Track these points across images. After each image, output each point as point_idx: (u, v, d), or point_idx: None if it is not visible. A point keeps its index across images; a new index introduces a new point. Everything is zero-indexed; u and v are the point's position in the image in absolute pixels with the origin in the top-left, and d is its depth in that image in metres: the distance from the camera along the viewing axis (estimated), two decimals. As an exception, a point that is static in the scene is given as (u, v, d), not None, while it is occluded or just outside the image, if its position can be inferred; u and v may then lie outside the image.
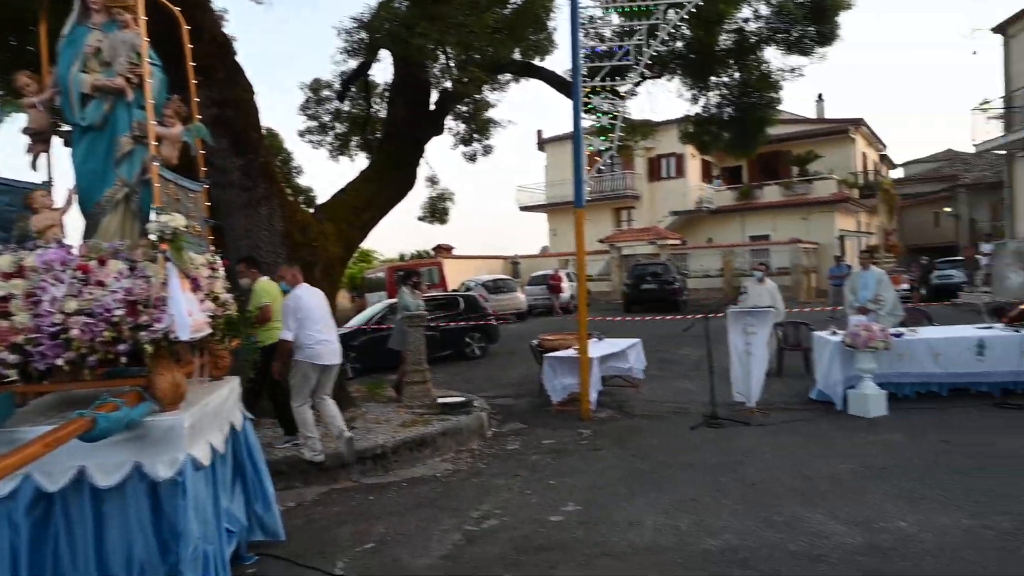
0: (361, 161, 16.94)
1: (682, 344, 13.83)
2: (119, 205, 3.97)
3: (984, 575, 3.80)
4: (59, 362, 3.34)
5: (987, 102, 20.32)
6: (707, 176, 35.08)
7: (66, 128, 4.13)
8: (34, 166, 4.17)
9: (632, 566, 4.16)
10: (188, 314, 3.40)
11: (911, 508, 4.84)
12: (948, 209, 39.03)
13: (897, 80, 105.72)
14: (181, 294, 3.40)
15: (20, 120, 4.13)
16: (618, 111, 8.69)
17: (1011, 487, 5.13)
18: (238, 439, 4.21)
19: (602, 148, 8.82)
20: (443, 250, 29.24)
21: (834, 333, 8.42)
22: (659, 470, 6.10)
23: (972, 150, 22.98)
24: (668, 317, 16.78)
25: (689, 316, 11.42)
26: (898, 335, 8.01)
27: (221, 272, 4.23)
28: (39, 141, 4.13)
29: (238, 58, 7.67)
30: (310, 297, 6.37)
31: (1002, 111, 19.65)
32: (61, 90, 4.01)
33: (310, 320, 6.21)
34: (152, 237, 3.60)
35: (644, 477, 5.93)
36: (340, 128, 14.42)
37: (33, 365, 3.37)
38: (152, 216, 3.68)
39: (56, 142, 4.21)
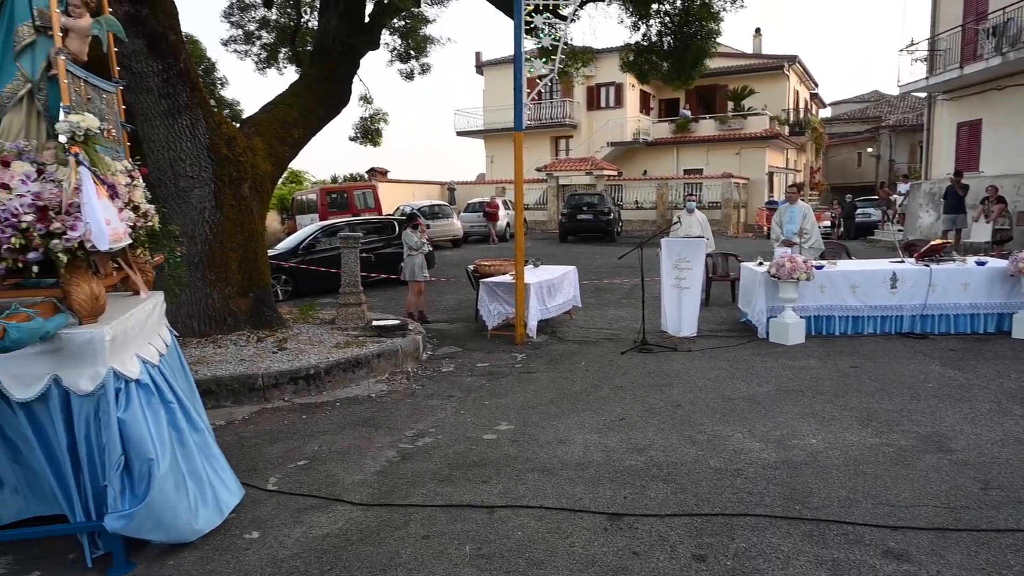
0: (291, 74, 16.15)
1: (615, 273, 14.12)
2: (22, 102, 3.61)
3: (883, 486, 4.10)
4: (-39, 270, 3.10)
5: (913, 44, 20.76)
6: (645, 107, 35.08)
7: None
8: (-79, 55, 3.74)
9: (561, 480, 4.30)
10: (106, 222, 3.18)
11: (821, 427, 5.16)
12: (870, 150, 40.54)
13: (834, 18, 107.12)
14: (97, 200, 3.17)
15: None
16: (560, 33, 8.48)
17: (910, 409, 5.52)
18: (165, 356, 4.05)
19: (543, 72, 8.63)
20: (378, 173, 28.47)
21: (760, 264, 8.72)
22: (590, 391, 6.28)
23: (897, 92, 23.65)
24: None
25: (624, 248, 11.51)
26: (819, 267, 8.35)
27: (140, 181, 3.97)
28: (-75, 27, 3.70)
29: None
30: None
31: (927, 53, 20.17)
32: (-52, -31, 3.57)
33: None
34: (62, 138, 3.33)
35: (575, 398, 6.10)
36: (267, 38, 13.64)
37: (-68, 272, 3.13)
38: (61, 116, 3.38)
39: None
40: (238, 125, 9.08)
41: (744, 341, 8.13)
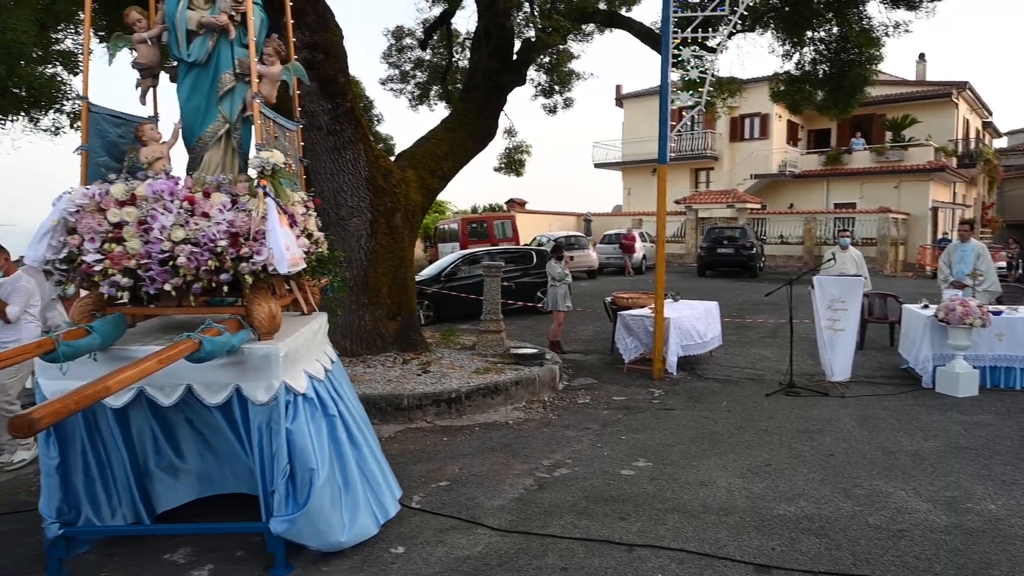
0: (440, 111, 16.99)
1: (758, 311, 13.53)
2: (221, 140, 4.09)
3: (1082, 564, 3.62)
4: (167, 287, 3.51)
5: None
6: (792, 138, 33.56)
7: (173, 64, 4.26)
8: (143, 100, 4.33)
9: (704, 524, 4.14)
10: (286, 248, 3.50)
11: (1001, 491, 4.64)
12: (1057, 183, 36.31)
13: (1013, 40, 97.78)
14: (280, 228, 3.51)
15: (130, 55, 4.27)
16: (707, 65, 8.36)
17: (1116, 477, 4.84)
18: (331, 372, 4.34)
19: (688, 104, 8.53)
20: (516, 204, 29.17)
21: (926, 307, 8.04)
22: (733, 433, 6.03)
23: (1092, 120, 21.17)
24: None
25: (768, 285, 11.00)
26: (997, 313, 7.56)
27: (313, 210, 4.33)
28: (148, 76, 4.27)
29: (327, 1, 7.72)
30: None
31: None
32: (168, 27, 4.12)
33: (37, 309, 5.72)
34: (253, 172, 3.72)
35: (717, 439, 5.87)
36: (421, 77, 14.44)
37: (143, 289, 3.57)
38: (252, 152, 3.79)
39: (164, 77, 4.36)
40: (393, 158, 9.67)
41: (905, 390, 7.49)
